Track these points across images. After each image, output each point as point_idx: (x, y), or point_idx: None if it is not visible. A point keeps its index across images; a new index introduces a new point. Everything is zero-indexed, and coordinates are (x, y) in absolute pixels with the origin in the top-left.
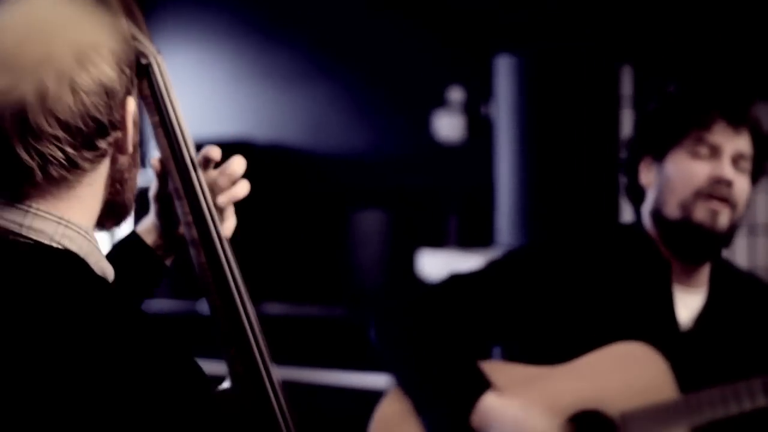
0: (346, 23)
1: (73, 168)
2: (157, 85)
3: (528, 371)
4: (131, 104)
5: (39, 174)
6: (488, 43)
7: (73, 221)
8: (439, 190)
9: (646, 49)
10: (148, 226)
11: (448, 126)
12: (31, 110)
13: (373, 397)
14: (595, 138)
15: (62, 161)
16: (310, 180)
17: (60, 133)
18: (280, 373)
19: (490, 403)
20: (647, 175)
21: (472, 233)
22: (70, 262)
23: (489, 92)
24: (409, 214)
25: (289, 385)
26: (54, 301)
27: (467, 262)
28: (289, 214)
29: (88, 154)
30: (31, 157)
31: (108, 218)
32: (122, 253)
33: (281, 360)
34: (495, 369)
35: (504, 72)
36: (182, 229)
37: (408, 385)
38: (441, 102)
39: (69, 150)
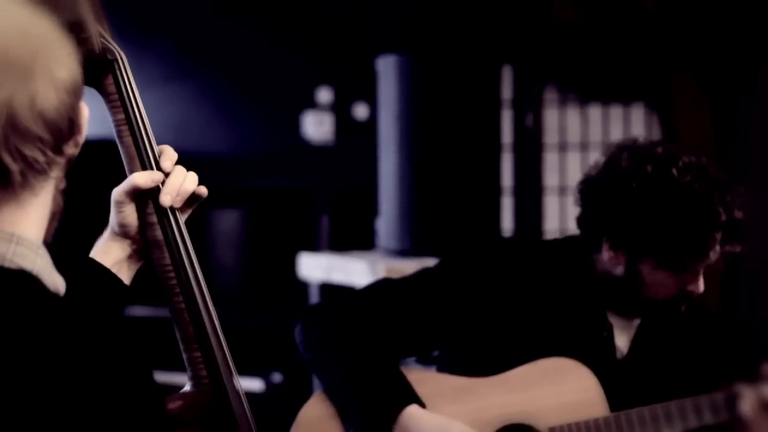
0: (213, 23)
1: (45, 173)
2: (124, 81)
3: (457, 382)
4: (85, 106)
5: (18, 178)
6: (361, 44)
7: (25, 236)
8: (308, 191)
9: (525, 52)
10: (106, 244)
11: (317, 126)
12: (21, 110)
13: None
14: (477, 140)
15: (43, 165)
16: None
17: (45, 135)
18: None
19: (412, 414)
20: (612, 257)
21: (348, 235)
22: (25, 282)
23: (360, 93)
24: (278, 215)
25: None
26: (13, 325)
27: (348, 264)
28: None
29: (59, 158)
30: (15, 161)
31: (48, 229)
32: (81, 285)
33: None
34: (423, 379)
35: (386, 73)
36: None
37: (333, 390)
38: (310, 102)
39: (49, 153)
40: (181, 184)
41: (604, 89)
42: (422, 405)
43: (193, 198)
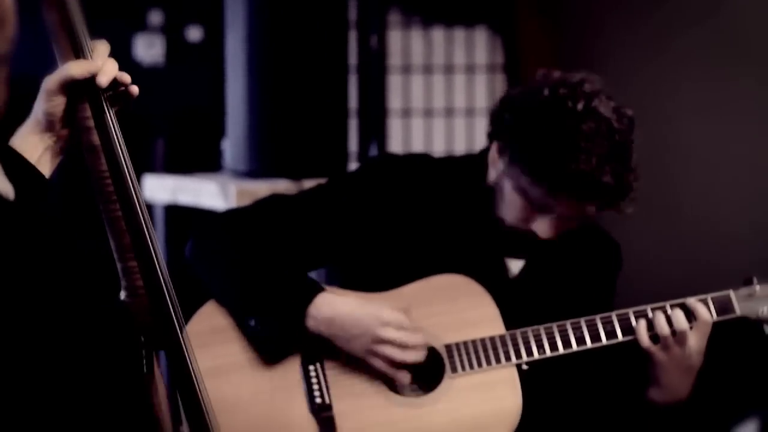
0: None
1: None
2: None
3: (349, 297)
4: None
5: None
6: None
7: None
8: (141, 114)
9: None
10: (27, 136)
11: (148, 49)
12: None
13: None
14: (324, 61)
15: None
16: None
17: None
18: None
19: (325, 301)
20: (496, 158)
21: (188, 158)
22: None
23: (193, 15)
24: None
25: None
26: None
27: (196, 186)
28: None
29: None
30: None
31: None
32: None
33: None
34: None
35: None
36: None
37: (231, 296)
38: (141, 25)
39: None
40: (116, 72)
41: (448, 12)
42: None
43: (120, 95)
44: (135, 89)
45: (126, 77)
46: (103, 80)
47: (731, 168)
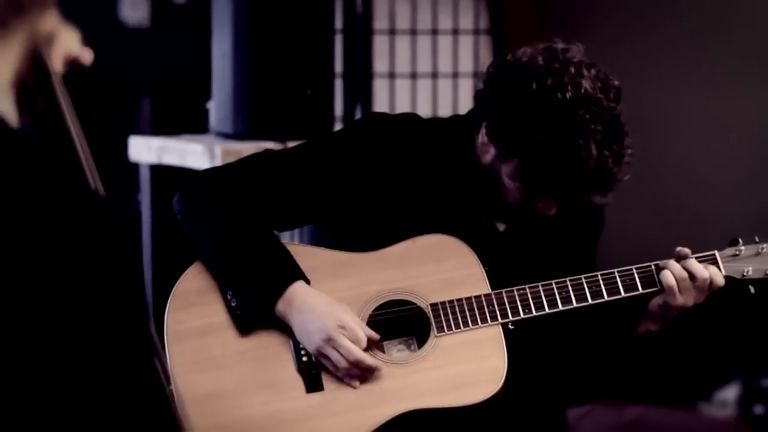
0: None
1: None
2: None
3: (335, 256)
4: None
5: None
6: None
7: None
8: (126, 75)
9: None
10: None
11: (132, 10)
12: None
13: None
14: (311, 24)
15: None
16: None
17: None
18: None
19: (299, 291)
20: (485, 143)
21: (173, 119)
22: None
23: None
24: (95, 99)
25: None
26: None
27: (182, 147)
28: None
29: None
30: None
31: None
32: None
33: None
34: (301, 252)
35: None
36: None
37: (214, 261)
38: None
39: None
40: (72, 46)
41: None
42: (307, 281)
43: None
44: (88, 58)
45: (74, 48)
46: (59, 67)
47: (714, 136)
